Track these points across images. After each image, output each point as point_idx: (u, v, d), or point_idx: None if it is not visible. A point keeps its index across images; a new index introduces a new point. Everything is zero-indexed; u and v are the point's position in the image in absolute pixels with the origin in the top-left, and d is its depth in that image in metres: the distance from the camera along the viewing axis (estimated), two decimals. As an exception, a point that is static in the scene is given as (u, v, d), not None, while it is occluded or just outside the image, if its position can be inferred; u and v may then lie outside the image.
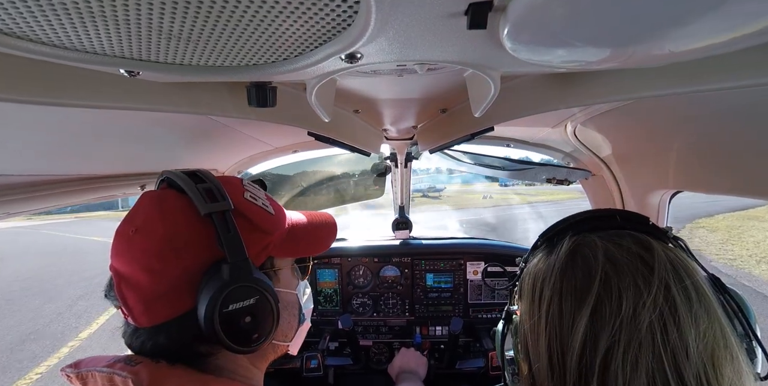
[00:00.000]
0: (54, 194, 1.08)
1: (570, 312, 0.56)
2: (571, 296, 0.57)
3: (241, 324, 0.62)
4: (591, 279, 0.56)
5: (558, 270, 0.61)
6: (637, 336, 0.51)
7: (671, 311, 0.52)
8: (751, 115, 0.88)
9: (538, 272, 0.65)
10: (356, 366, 2.03)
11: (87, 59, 0.56)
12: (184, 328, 0.62)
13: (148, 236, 0.61)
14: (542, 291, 0.62)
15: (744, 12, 0.38)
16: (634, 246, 0.58)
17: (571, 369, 0.55)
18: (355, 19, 0.46)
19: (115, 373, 0.58)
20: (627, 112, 1.17)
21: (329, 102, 0.96)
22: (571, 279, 0.58)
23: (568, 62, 0.62)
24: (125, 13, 0.42)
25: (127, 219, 0.65)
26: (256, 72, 0.66)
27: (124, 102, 0.75)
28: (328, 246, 0.86)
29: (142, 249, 0.61)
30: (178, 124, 1.16)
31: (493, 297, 2.18)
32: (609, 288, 0.55)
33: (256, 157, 1.87)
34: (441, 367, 2.00)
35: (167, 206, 0.64)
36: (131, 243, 0.62)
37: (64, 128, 0.90)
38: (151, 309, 0.61)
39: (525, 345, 0.65)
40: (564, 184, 1.92)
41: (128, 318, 0.63)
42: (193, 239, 0.63)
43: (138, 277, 0.60)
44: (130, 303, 0.61)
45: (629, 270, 0.55)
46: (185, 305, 0.61)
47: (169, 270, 0.61)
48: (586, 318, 0.54)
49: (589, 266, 0.58)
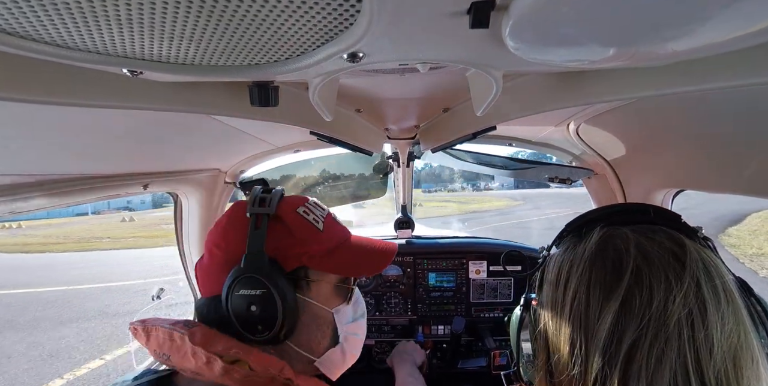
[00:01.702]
0: (57, 193, 1.08)
1: (598, 301, 0.56)
2: (600, 286, 0.57)
3: (247, 310, 0.71)
4: (622, 270, 0.56)
5: (587, 259, 0.60)
6: (665, 331, 0.51)
7: (700, 308, 0.52)
8: (754, 114, 0.88)
9: (564, 261, 0.64)
10: (358, 365, 2.02)
11: (89, 59, 0.56)
12: (211, 308, 0.76)
13: (217, 226, 0.81)
14: (568, 280, 0.62)
15: (747, 11, 0.38)
16: (666, 242, 0.57)
17: (593, 359, 0.55)
18: (357, 19, 0.46)
19: (175, 330, 0.71)
20: (629, 110, 1.16)
21: (331, 101, 0.96)
22: (601, 269, 0.58)
23: (571, 61, 0.62)
24: (128, 12, 0.42)
25: None
26: (258, 71, 0.66)
27: (126, 101, 0.75)
28: (371, 273, 0.93)
29: (211, 235, 0.80)
30: (181, 124, 1.16)
31: (496, 297, 2.18)
32: (640, 280, 0.54)
33: (258, 156, 1.87)
34: (443, 366, 2.00)
35: (237, 206, 0.82)
36: (211, 231, 0.81)
37: (66, 128, 0.90)
38: (206, 283, 0.79)
39: (544, 333, 0.65)
40: (566, 182, 1.91)
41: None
42: (239, 233, 0.75)
43: (204, 257, 0.80)
44: (198, 276, 0.81)
45: (661, 264, 0.55)
46: (219, 287, 0.74)
47: (218, 254, 0.76)
48: (615, 308, 0.54)
49: (621, 257, 0.57)
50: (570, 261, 0.63)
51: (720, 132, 1.01)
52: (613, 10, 0.40)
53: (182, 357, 0.68)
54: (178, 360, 0.69)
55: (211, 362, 0.65)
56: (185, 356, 0.67)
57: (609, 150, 1.59)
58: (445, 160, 2.16)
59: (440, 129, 1.55)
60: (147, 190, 1.42)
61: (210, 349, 0.66)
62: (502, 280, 2.16)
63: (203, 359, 0.65)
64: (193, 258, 1.95)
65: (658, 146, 1.29)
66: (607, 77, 0.82)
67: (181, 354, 0.68)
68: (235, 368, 0.64)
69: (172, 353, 0.70)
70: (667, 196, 1.51)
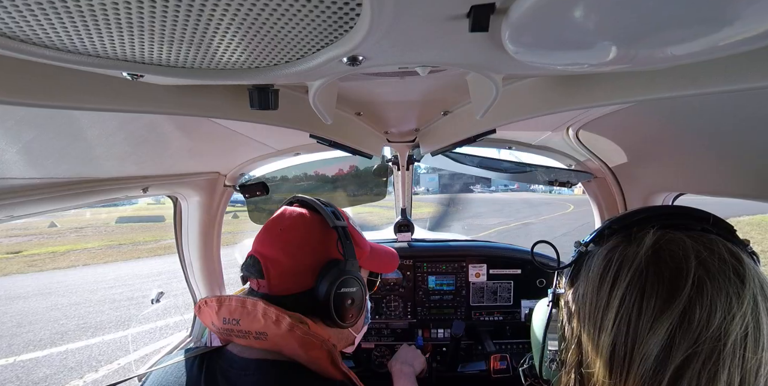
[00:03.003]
0: (57, 197, 1.08)
1: (652, 310, 0.53)
2: (656, 295, 0.53)
3: (345, 303, 0.89)
4: (681, 281, 0.53)
5: (642, 262, 0.56)
6: (721, 351, 0.49)
7: (756, 329, 0.50)
8: (754, 118, 0.88)
9: (613, 260, 0.60)
10: (358, 368, 2.02)
11: (90, 62, 0.56)
12: (303, 301, 0.87)
13: (292, 234, 0.91)
14: (615, 282, 0.58)
15: (745, 15, 0.38)
16: (726, 255, 0.54)
17: (637, 371, 0.53)
18: (357, 22, 0.46)
19: (247, 298, 0.85)
20: (629, 114, 1.16)
21: (331, 104, 0.96)
22: (657, 276, 0.54)
23: (570, 64, 0.62)
24: (128, 16, 0.42)
25: (274, 223, 0.94)
26: (258, 75, 0.66)
27: (126, 105, 0.75)
28: (393, 269, 1.17)
29: (288, 241, 0.90)
30: (180, 127, 1.16)
31: (495, 300, 2.18)
32: (701, 294, 0.51)
33: (258, 159, 1.87)
34: (443, 370, 1.99)
35: (306, 218, 0.94)
36: (279, 237, 0.91)
37: (66, 131, 0.90)
38: (286, 282, 0.88)
39: (578, 334, 0.62)
40: (566, 186, 1.91)
41: (263, 287, 0.88)
42: (321, 241, 0.92)
43: (281, 259, 0.88)
44: (271, 276, 0.87)
45: (723, 279, 0.52)
46: (308, 284, 0.88)
47: (303, 258, 0.89)
48: (671, 321, 0.51)
49: (680, 266, 0.54)
50: (619, 262, 0.59)
51: (719, 135, 1.01)
52: (612, 14, 0.40)
53: (252, 319, 0.82)
54: (247, 323, 0.83)
55: (280, 319, 0.79)
56: (255, 318, 0.81)
57: (608, 153, 1.59)
58: (445, 163, 2.16)
59: (440, 132, 1.55)
60: (147, 193, 1.42)
61: (279, 310, 0.80)
62: (501, 283, 2.16)
63: (273, 317, 0.80)
64: (192, 261, 1.94)
65: (658, 150, 1.29)
66: (607, 81, 0.82)
67: (251, 317, 0.82)
68: (299, 325, 0.79)
69: (242, 317, 0.83)
70: (666, 200, 1.51)
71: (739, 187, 1.05)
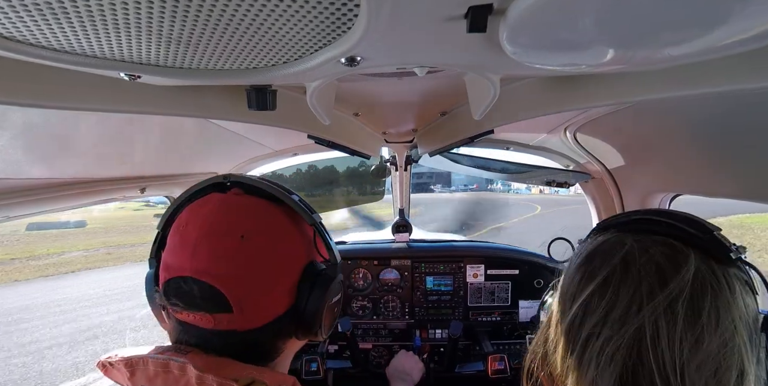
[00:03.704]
0: (54, 198, 1.08)
1: (578, 290, 0.61)
2: (582, 279, 0.61)
3: (333, 314, 0.74)
4: (596, 273, 0.60)
5: (585, 255, 0.64)
6: (620, 335, 0.54)
7: (668, 324, 0.52)
8: (750, 118, 0.88)
9: (575, 254, 0.69)
10: (356, 369, 2.02)
11: (87, 63, 0.56)
12: (283, 324, 0.67)
13: (261, 241, 0.65)
14: (569, 270, 0.67)
15: (741, 17, 0.38)
16: (660, 257, 0.57)
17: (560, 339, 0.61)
18: (355, 23, 0.46)
19: (171, 359, 0.60)
20: (626, 115, 1.17)
21: (329, 105, 0.96)
22: (587, 265, 0.62)
23: (568, 65, 0.62)
24: (125, 16, 0.42)
25: (219, 221, 0.66)
26: (256, 75, 0.66)
27: (124, 105, 0.75)
28: None
29: (256, 254, 0.64)
30: (178, 128, 1.16)
31: (493, 300, 2.18)
32: (608, 286, 0.57)
33: (255, 159, 1.87)
34: (440, 371, 1.99)
35: (270, 213, 0.70)
36: (242, 248, 0.64)
37: (64, 132, 0.90)
38: (265, 309, 0.65)
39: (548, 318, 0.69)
40: (564, 186, 1.92)
41: (227, 323, 0.63)
42: (297, 243, 0.71)
43: (254, 280, 0.63)
44: (245, 307, 0.62)
45: (637, 277, 0.56)
46: (285, 302, 0.67)
47: (281, 272, 0.67)
48: (580, 302, 0.59)
49: (605, 262, 0.60)
50: (578, 255, 0.67)
51: (716, 136, 1.02)
52: (610, 15, 0.40)
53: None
54: None
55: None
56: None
57: (606, 154, 1.60)
58: (443, 163, 2.16)
59: (438, 132, 1.55)
60: (144, 193, 1.42)
61: (220, 374, 0.58)
62: (499, 284, 2.16)
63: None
64: None
65: (655, 150, 1.30)
66: (604, 81, 0.82)
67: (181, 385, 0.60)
68: None
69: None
70: (664, 200, 1.52)
71: (736, 188, 1.05)
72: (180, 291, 0.63)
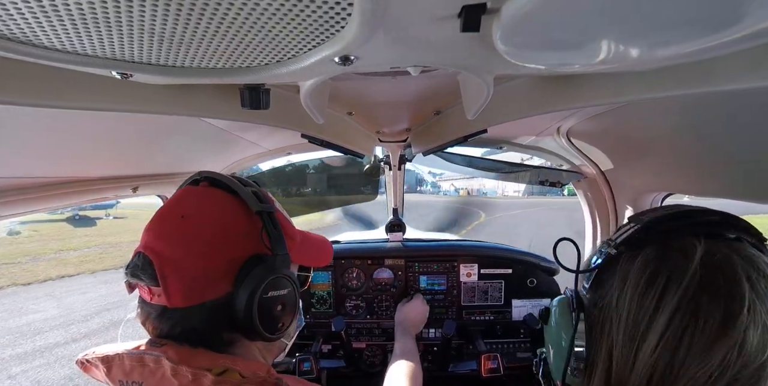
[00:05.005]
0: (46, 197, 1.07)
1: (707, 336, 0.52)
2: (713, 319, 0.52)
3: (274, 311, 0.70)
4: (737, 306, 0.51)
5: (695, 282, 0.54)
6: (760, 376, 0.51)
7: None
8: (742, 118, 0.89)
9: (658, 272, 0.57)
10: (349, 368, 2.02)
11: (79, 61, 0.55)
12: (217, 312, 0.67)
13: (199, 223, 0.69)
14: (663, 297, 0.55)
15: (734, 17, 0.39)
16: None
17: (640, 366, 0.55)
18: (348, 22, 0.46)
19: (145, 354, 0.64)
20: (619, 114, 1.18)
21: (323, 104, 0.96)
22: (713, 298, 0.52)
23: (561, 65, 0.63)
24: (117, 15, 0.42)
25: (170, 206, 0.72)
26: (249, 74, 0.66)
27: (116, 104, 0.75)
28: (328, 262, 0.93)
29: (192, 233, 0.68)
30: (171, 126, 1.15)
31: (486, 300, 2.18)
32: (755, 320, 0.51)
33: (249, 159, 1.86)
34: (434, 370, 1.99)
35: (218, 200, 0.73)
36: (180, 227, 0.68)
37: (55, 130, 0.89)
38: (191, 289, 0.66)
39: (610, 345, 0.60)
40: (556, 186, 1.93)
41: (158, 297, 0.66)
42: (240, 231, 0.71)
43: (184, 259, 0.66)
44: (169, 282, 0.64)
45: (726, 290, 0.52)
46: (223, 289, 0.67)
47: (215, 256, 0.67)
48: (728, 348, 0.50)
49: (734, 290, 0.52)
50: (666, 276, 0.56)
51: (708, 135, 1.02)
52: (603, 15, 0.40)
53: (159, 380, 0.62)
54: (154, 385, 0.63)
55: (199, 378, 0.60)
56: (163, 379, 0.62)
57: (598, 153, 1.61)
58: (437, 162, 2.16)
59: (432, 132, 1.55)
60: (136, 192, 1.41)
61: (193, 365, 0.61)
62: (492, 283, 2.17)
63: (188, 377, 0.60)
64: None
65: (648, 150, 1.31)
66: (598, 81, 0.83)
67: (157, 377, 0.62)
68: (226, 379, 0.61)
69: (144, 379, 0.63)
70: (656, 200, 1.53)
71: (728, 187, 1.06)
72: (131, 263, 0.68)
